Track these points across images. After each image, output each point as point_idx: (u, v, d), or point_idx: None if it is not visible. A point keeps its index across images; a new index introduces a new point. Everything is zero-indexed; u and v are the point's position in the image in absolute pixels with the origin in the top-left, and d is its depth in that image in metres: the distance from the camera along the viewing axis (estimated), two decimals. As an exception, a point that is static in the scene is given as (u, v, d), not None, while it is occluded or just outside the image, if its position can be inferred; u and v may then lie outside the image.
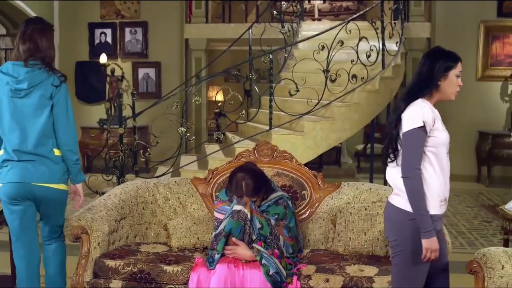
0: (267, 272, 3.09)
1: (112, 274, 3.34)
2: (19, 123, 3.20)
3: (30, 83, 3.19)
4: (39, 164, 3.21)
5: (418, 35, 8.79)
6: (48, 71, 3.24)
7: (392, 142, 2.69)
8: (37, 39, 3.24)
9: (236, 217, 3.20)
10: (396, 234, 2.72)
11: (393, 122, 2.71)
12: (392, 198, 2.77)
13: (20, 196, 3.23)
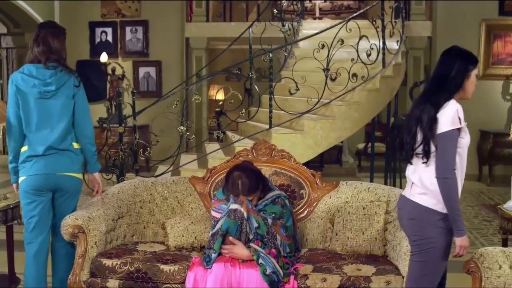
0: (264, 271, 3.08)
1: (109, 274, 3.33)
2: (46, 122, 3.46)
3: (57, 85, 3.45)
4: (61, 156, 3.48)
5: (419, 34, 8.77)
6: (68, 73, 3.51)
7: (427, 143, 2.68)
8: (50, 42, 3.46)
9: (232, 216, 3.19)
10: (421, 233, 2.72)
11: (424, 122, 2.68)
12: (416, 197, 2.75)
13: (45, 187, 3.47)
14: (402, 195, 2.89)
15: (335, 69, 6.33)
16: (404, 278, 3.09)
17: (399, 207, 2.91)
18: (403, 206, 2.85)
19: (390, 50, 7.03)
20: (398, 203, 2.93)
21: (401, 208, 2.88)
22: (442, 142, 2.64)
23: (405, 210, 2.83)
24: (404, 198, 2.84)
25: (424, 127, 2.67)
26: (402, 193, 2.90)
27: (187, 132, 6.38)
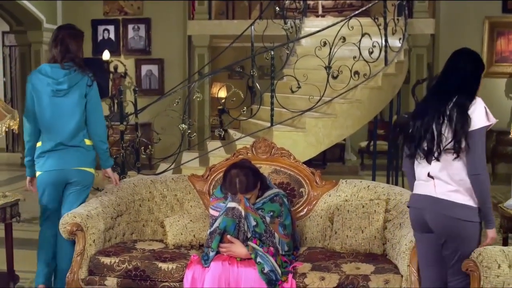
0: (261, 270, 3.07)
1: (107, 272, 3.33)
2: (59, 119, 3.62)
3: (69, 84, 3.60)
4: (73, 152, 3.65)
5: (422, 32, 8.72)
6: (82, 72, 3.64)
7: (458, 140, 2.67)
8: (67, 43, 3.62)
9: (230, 215, 3.18)
10: (460, 231, 2.71)
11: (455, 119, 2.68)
12: (449, 195, 2.72)
13: (59, 181, 3.67)
14: (422, 195, 2.81)
15: (337, 67, 6.31)
16: (403, 277, 3.07)
17: (419, 207, 2.82)
18: (427, 206, 2.78)
19: (392, 48, 7.00)
20: (417, 203, 2.83)
21: (423, 208, 2.79)
22: (475, 139, 2.66)
23: (434, 210, 2.76)
24: (428, 198, 2.77)
25: (455, 124, 2.67)
26: (420, 192, 2.82)
27: (188, 130, 6.38)
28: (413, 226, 2.91)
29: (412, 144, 2.81)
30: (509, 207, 3.65)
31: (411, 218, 2.90)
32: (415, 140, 2.79)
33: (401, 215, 3.43)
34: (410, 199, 2.92)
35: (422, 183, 2.82)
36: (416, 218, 2.86)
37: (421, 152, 2.77)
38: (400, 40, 7.22)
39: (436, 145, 2.72)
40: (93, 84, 3.69)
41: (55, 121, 3.62)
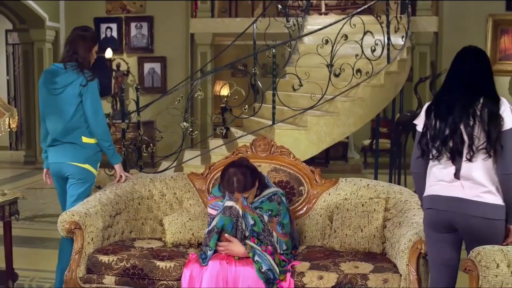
0: (259, 269, 3.05)
1: (105, 270, 3.32)
2: (53, 116, 3.76)
3: (64, 83, 3.70)
4: (68, 147, 3.75)
5: (425, 29, 8.69)
6: (78, 72, 3.70)
7: (491, 139, 2.66)
8: (75, 44, 3.75)
9: (228, 213, 3.16)
10: (496, 231, 2.72)
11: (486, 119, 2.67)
12: (483, 196, 2.70)
13: (58, 174, 3.83)
14: (448, 197, 2.75)
15: (340, 65, 6.28)
16: (401, 276, 3.05)
17: (444, 209, 2.76)
18: (456, 208, 2.73)
19: (395, 46, 6.96)
20: (442, 205, 2.77)
21: (450, 210, 2.74)
22: (507, 139, 2.66)
23: (465, 212, 2.71)
24: (457, 199, 2.73)
25: (488, 124, 2.66)
26: (444, 194, 2.76)
27: (190, 128, 6.37)
28: (432, 227, 2.84)
29: (436, 145, 2.76)
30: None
31: (430, 219, 2.84)
32: (439, 141, 2.75)
33: (401, 214, 3.41)
34: (428, 201, 2.84)
35: (445, 185, 2.77)
36: (437, 219, 2.81)
37: (447, 153, 2.74)
38: (403, 38, 7.19)
39: (468, 146, 2.69)
40: (88, 84, 3.70)
41: (50, 117, 3.78)
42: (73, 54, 3.72)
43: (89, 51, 3.78)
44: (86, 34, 3.81)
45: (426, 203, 2.86)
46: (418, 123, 2.91)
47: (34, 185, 8.32)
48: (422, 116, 2.89)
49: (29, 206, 6.94)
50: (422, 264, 3.02)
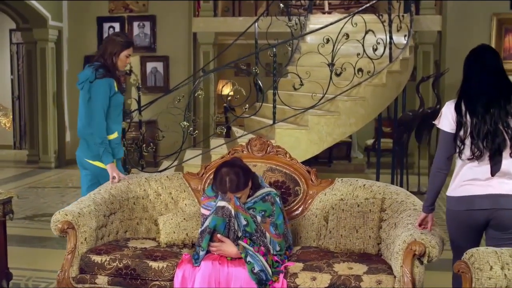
0: (252, 269, 3.02)
1: (98, 270, 3.29)
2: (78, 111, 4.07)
3: (82, 79, 3.99)
4: (83, 143, 4.04)
5: (429, 28, 8.63)
6: (93, 70, 3.95)
7: None
8: (104, 46, 4.04)
9: (220, 214, 3.13)
10: None
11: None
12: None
13: (79, 165, 4.10)
14: (490, 195, 2.83)
15: (341, 64, 6.24)
16: (395, 278, 3.01)
17: (486, 208, 2.84)
18: (499, 205, 2.83)
19: (397, 45, 6.91)
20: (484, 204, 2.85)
21: (493, 208, 2.83)
22: None
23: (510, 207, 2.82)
24: (500, 196, 2.81)
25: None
26: (483, 193, 2.84)
27: (190, 128, 6.35)
28: (468, 227, 2.91)
29: (478, 144, 2.79)
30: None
31: (468, 221, 2.90)
32: (481, 140, 2.79)
33: (396, 215, 3.37)
34: (460, 202, 2.89)
35: (481, 183, 2.84)
36: (475, 220, 2.88)
37: (488, 151, 2.78)
38: (406, 37, 7.13)
39: (509, 142, 2.77)
40: (95, 81, 3.90)
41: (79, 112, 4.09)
42: (100, 55, 4.01)
43: (114, 54, 3.97)
44: (115, 39, 4.04)
45: (457, 204, 2.91)
46: (443, 123, 2.92)
47: (36, 184, 8.34)
48: (448, 115, 2.90)
49: (30, 205, 6.96)
50: (416, 266, 2.98)
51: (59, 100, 9.88)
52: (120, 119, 4.19)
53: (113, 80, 3.99)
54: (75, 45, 9.84)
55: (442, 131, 2.92)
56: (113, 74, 4.00)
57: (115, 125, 4.08)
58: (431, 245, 2.92)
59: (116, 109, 4.08)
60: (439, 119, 2.96)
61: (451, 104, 2.93)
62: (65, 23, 9.82)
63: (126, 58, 4.05)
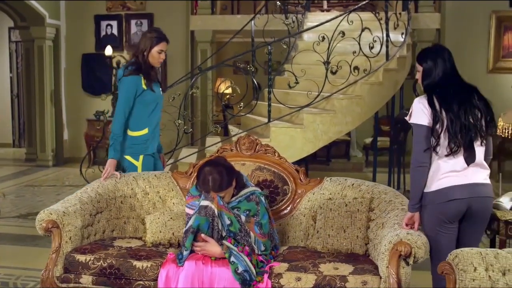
0: (235, 270, 2.98)
1: (82, 269, 3.27)
2: None
3: (118, 77, 4.12)
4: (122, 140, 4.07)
5: (428, 26, 8.56)
6: (124, 69, 4.05)
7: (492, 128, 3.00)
8: (138, 43, 4.10)
9: (203, 213, 3.09)
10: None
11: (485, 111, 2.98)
12: (487, 179, 3.00)
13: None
14: (466, 184, 2.92)
15: (337, 62, 6.20)
16: (381, 279, 2.97)
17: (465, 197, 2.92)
18: (475, 193, 2.94)
19: (394, 43, 6.86)
20: (463, 193, 2.92)
21: (470, 197, 2.93)
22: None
23: (483, 195, 2.96)
24: (474, 185, 2.93)
25: (486, 114, 2.97)
26: (461, 183, 2.92)
27: (184, 126, 6.32)
28: (449, 219, 2.95)
29: (454, 139, 2.90)
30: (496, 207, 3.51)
31: (450, 211, 2.94)
32: (456, 134, 2.89)
33: (384, 215, 3.32)
34: (443, 194, 2.93)
35: (458, 174, 2.92)
36: (457, 209, 2.94)
37: (463, 144, 2.90)
38: (403, 35, 7.08)
39: (479, 134, 2.93)
40: (122, 78, 4.01)
41: None
42: (134, 52, 4.08)
43: (145, 50, 3.97)
44: (147, 34, 4.07)
45: (439, 197, 2.93)
46: (419, 117, 2.96)
47: (33, 183, 8.33)
48: (424, 110, 2.95)
49: (25, 204, 6.94)
50: (402, 267, 2.94)
51: (57, 98, 9.86)
52: (154, 116, 4.12)
53: (140, 77, 3.97)
54: (72, 43, 9.81)
55: (418, 126, 2.97)
56: (144, 72, 3.98)
57: (145, 122, 4.07)
58: (417, 246, 2.88)
59: (147, 106, 4.05)
60: (411, 116, 3.02)
61: (423, 99, 3.00)
62: (62, 21, 9.79)
63: (158, 54, 4.01)
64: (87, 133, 9.45)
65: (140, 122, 4.06)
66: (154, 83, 4.10)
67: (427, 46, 3.25)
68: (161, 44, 4.02)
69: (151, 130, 4.12)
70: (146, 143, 4.10)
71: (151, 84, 4.05)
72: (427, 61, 3.03)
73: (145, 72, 4.00)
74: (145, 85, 4.00)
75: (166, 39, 4.10)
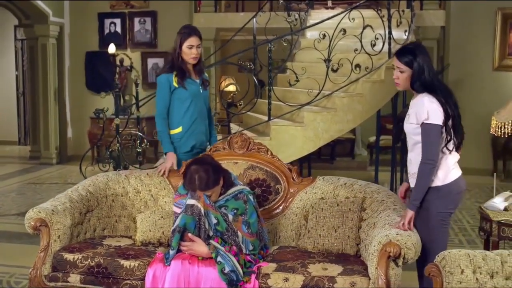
0: (222, 270, 2.94)
1: (70, 268, 3.25)
2: None
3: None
4: None
5: (432, 24, 8.45)
6: (162, 68, 4.17)
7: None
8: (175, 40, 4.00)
9: (189, 212, 3.05)
10: None
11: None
12: None
13: None
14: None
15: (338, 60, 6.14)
16: (370, 280, 2.92)
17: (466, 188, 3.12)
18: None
19: (397, 41, 6.78)
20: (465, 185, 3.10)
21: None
22: None
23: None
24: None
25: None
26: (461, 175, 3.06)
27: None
28: (454, 209, 3.08)
29: (457, 137, 3.01)
30: (490, 207, 3.44)
31: (459, 202, 3.08)
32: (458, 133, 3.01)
33: (376, 215, 3.27)
34: (458, 183, 3.03)
35: (458, 165, 3.06)
36: (462, 199, 3.11)
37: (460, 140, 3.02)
38: (406, 32, 7.00)
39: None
40: (157, 78, 4.04)
41: None
42: (171, 51, 4.04)
43: (177, 47, 3.93)
44: (178, 31, 3.99)
45: (455, 187, 3.00)
46: (436, 117, 2.95)
47: (35, 180, 8.34)
48: (438, 109, 2.94)
49: (25, 201, 6.95)
50: (392, 268, 2.88)
51: (61, 96, 9.87)
52: (188, 114, 4.04)
53: (171, 75, 3.96)
54: (76, 41, 9.82)
55: (435, 126, 2.95)
56: (178, 69, 3.94)
57: (180, 120, 4.03)
58: (406, 247, 2.83)
59: (181, 104, 4.01)
60: (428, 116, 2.95)
61: (432, 99, 2.96)
62: (66, 19, 9.80)
63: (189, 50, 3.92)
64: (91, 131, 9.45)
65: (176, 120, 4.04)
66: (190, 80, 4.02)
67: (405, 46, 3.16)
68: (190, 39, 3.92)
69: (185, 128, 4.05)
70: (180, 141, 4.05)
71: (183, 81, 3.98)
72: (416, 61, 2.97)
73: (178, 69, 3.96)
74: (176, 83, 3.97)
75: (195, 34, 3.97)
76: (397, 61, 3.04)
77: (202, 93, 4.12)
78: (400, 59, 3.03)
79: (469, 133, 4.53)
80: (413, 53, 2.99)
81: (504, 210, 3.35)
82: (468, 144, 7.07)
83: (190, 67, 4.03)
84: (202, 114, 4.16)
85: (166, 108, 4.01)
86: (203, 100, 4.14)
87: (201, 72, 4.12)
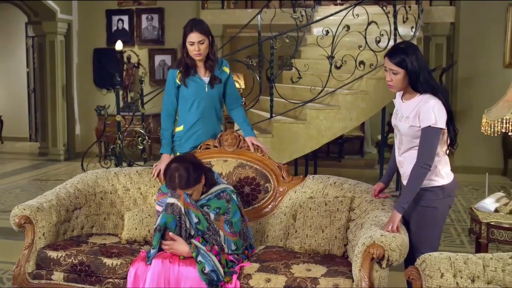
0: (202, 270, 2.89)
1: (53, 266, 3.23)
2: None
3: None
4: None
5: (442, 20, 8.32)
6: None
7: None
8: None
9: (170, 211, 3.00)
10: None
11: None
12: None
13: None
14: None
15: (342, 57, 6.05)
16: (353, 282, 2.84)
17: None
18: None
19: (403, 37, 6.66)
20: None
21: None
22: None
23: None
24: None
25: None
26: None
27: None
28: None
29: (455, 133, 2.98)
30: (481, 208, 3.33)
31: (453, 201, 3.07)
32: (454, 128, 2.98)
33: (364, 215, 3.19)
34: (455, 181, 3.02)
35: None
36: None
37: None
38: (413, 29, 6.88)
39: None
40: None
41: None
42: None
43: (182, 42, 3.75)
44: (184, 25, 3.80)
45: (455, 186, 3.00)
46: (443, 121, 2.86)
47: (41, 177, 8.38)
48: (443, 112, 2.86)
49: (28, 198, 6.87)
50: (376, 270, 2.80)
51: (69, 93, 9.91)
52: (191, 113, 3.78)
53: (175, 71, 3.78)
54: (84, 38, 9.85)
55: (440, 130, 2.84)
56: (184, 66, 3.73)
57: (183, 119, 3.84)
58: (390, 248, 2.74)
59: (184, 102, 3.80)
60: (436, 120, 2.83)
61: (439, 100, 2.87)
62: (74, 16, 9.83)
63: (191, 46, 3.64)
64: (98, 127, 9.47)
65: (181, 117, 3.87)
66: (197, 78, 3.76)
67: (396, 46, 2.96)
68: (190, 35, 3.63)
69: (186, 128, 3.82)
70: (181, 140, 3.85)
71: (186, 79, 3.74)
72: (409, 60, 2.80)
73: (184, 65, 3.74)
74: (179, 80, 3.77)
75: (196, 29, 3.63)
76: (389, 62, 2.86)
77: (209, 92, 3.77)
78: (391, 59, 2.85)
79: (479, 132, 4.40)
80: (405, 52, 2.81)
81: (495, 212, 3.24)
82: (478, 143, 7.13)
83: (200, 63, 3.75)
84: (207, 115, 3.81)
85: (172, 104, 3.81)
86: (209, 100, 3.79)
87: (212, 69, 3.78)
